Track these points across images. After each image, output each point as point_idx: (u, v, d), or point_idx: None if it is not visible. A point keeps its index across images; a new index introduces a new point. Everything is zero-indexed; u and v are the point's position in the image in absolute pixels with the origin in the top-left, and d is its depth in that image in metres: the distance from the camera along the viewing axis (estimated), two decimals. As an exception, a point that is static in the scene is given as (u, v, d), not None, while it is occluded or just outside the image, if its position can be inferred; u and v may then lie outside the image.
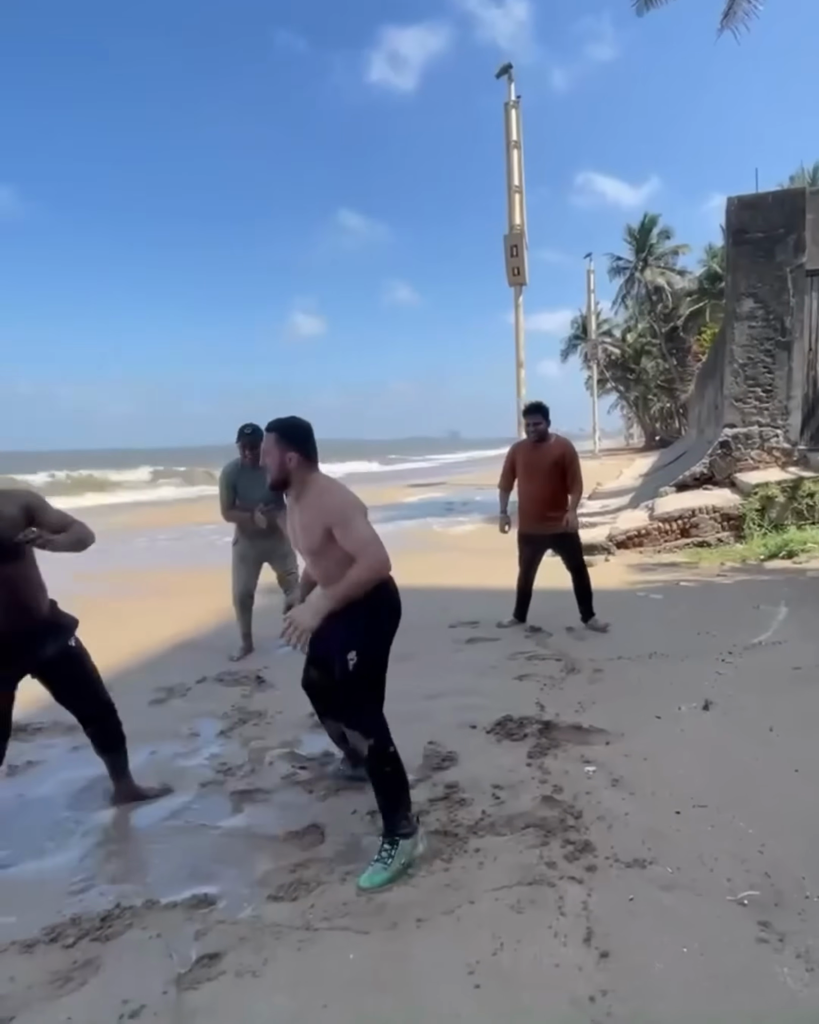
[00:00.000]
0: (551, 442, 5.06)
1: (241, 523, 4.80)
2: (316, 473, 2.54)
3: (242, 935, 2.02)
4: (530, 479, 5.11)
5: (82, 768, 3.10)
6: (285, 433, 2.56)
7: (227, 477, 4.83)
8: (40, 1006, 1.77)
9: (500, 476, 5.36)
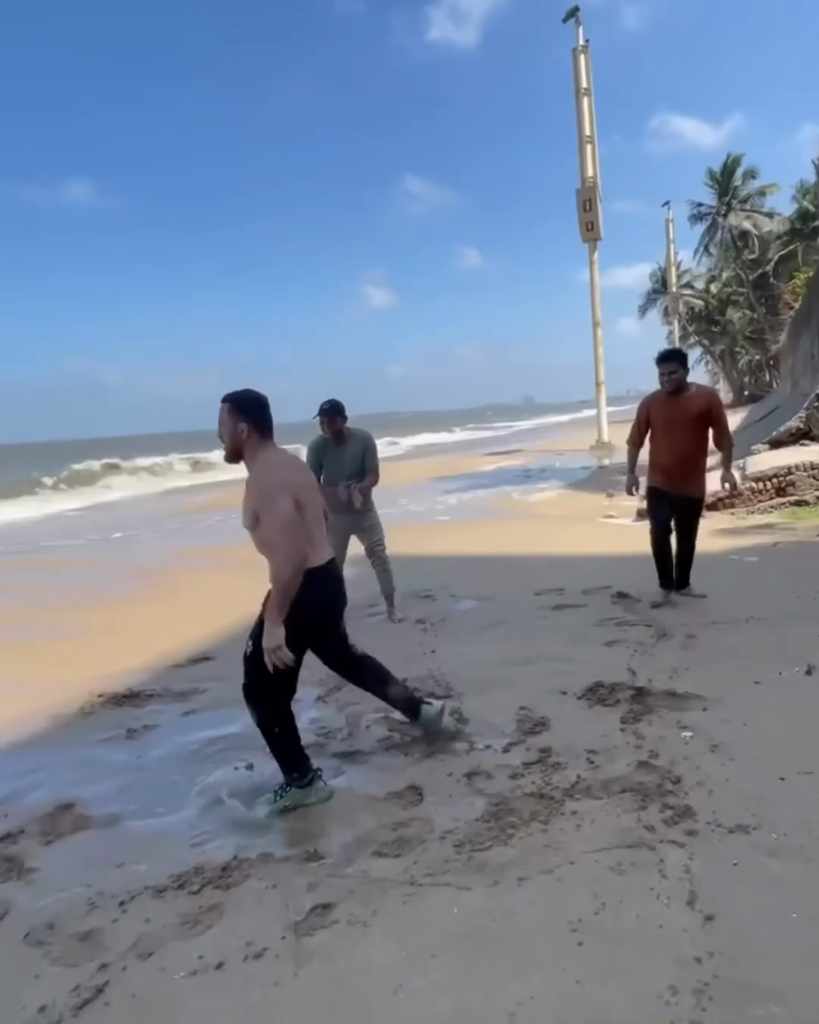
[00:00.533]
0: (691, 392, 4.66)
1: (327, 498, 4.92)
2: (266, 448, 2.55)
3: (351, 888, 2.13)
4: (668, 434, 4.68)
5: (194, 732, 3.31)
6: (238, 404, 2.54)
7: (313, 452, 4.94)
8: (175, 945, 1.93)
9: (630, 431, 4.93)
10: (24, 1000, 1.77)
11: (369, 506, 5.01)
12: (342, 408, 4.79)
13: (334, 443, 4.83)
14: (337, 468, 4.85)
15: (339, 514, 4.94)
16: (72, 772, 2.93)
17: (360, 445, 4.86)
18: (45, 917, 2.07)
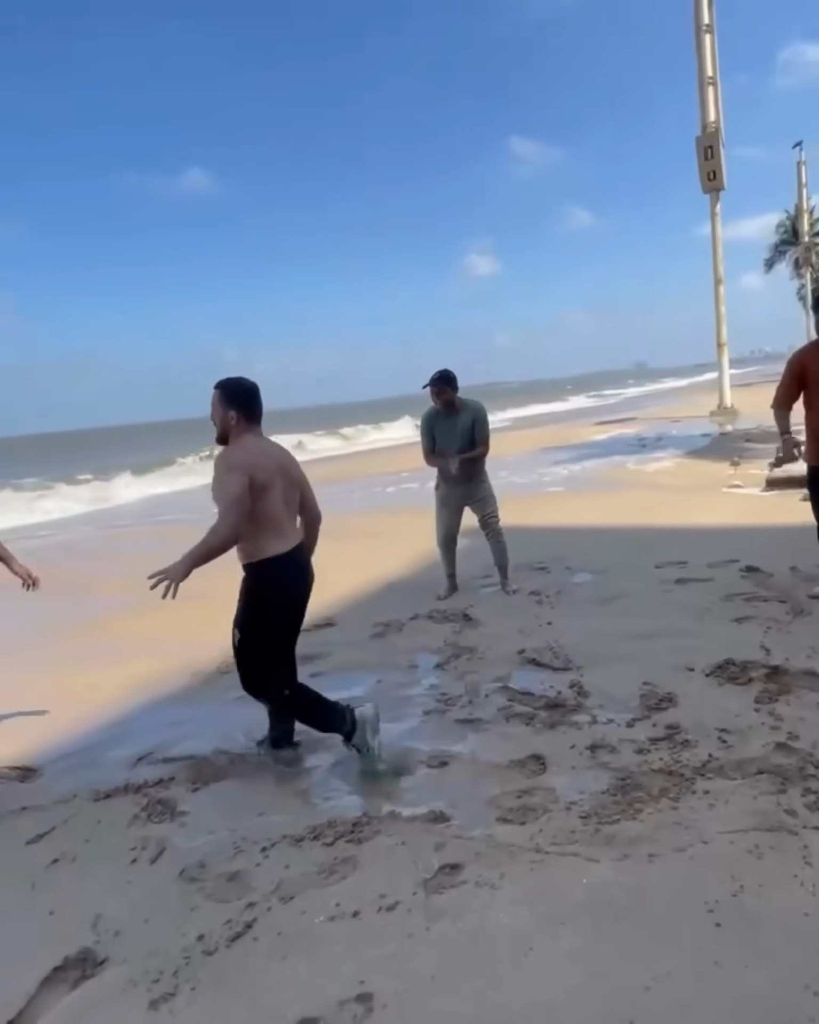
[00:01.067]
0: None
1: (440, 468, 4.93)
2: (248, 435, 2.67)
3: (477, 851, 2.17)
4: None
5: (321, 691, 3.45)
6: (228, 392, 2.67)
7: (426, 423, 4.95)
8: (313, 892, 2.05)
9: (777, 391, 4.12)
10: (184, 929, 1.94)
11: (482, 478, 4.98)
12: (452, 378, 4.75)
13: (445, 414, 4.82)
14: (448, 439, 4.84)
15: (453, 485, 4.95)
16: (212, 725, 3.15)
17: (470, 416, 4.82)
18: (197, 857, 2.26)
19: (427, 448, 4.94)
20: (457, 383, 4.78)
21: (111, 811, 2.58)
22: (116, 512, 13.63)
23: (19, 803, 2.70)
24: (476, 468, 4.92)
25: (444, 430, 4.85)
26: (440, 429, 4.88)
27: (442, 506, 5.05)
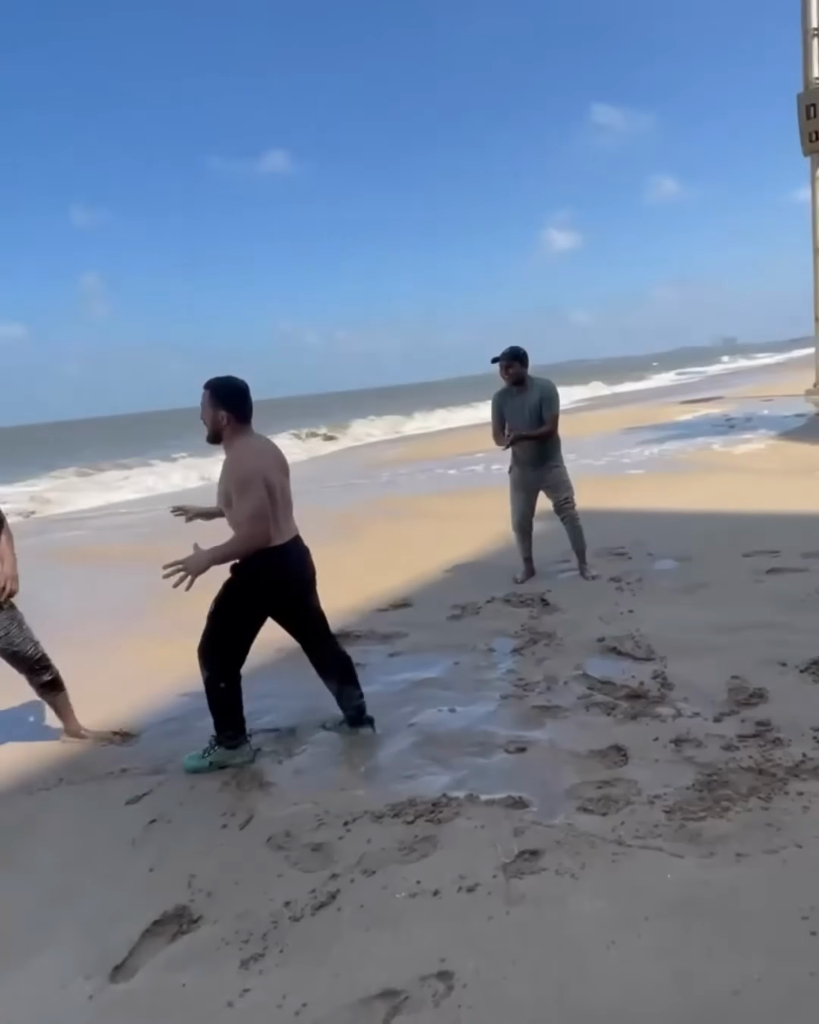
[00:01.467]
0: None
1: (514, 451, 4.83)
2: (243, 435, 2.68)
3: (557, 839, 2.16)
4: None
5: (399, 672, 3.52)
6: (218, 392, 2.66)
7: (495, 402, 4.88)
8: (394, 868, 2.10)
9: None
10: (271, 894, 2.03)
11: (555, 462, 4.84)
12: (522, 354, 4.63)
13: (515, 392, 4.72)
14: (517, 418, 4.73)
15: (527, 467, 4.85)
16: (296, 701, 3.25)
17: (538, 393, 4.68)
18: (283, 826, 2.35)
19: (496, 428, 4.86)
20: (527, 359, 4.66)
21: (203, 778, 2.71)
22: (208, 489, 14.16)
23: (119, 765, 2.87)
24: (548, 450, 4.79)
25: (513, 409, 4.75)
26: (509, 408, 4.78)
27: (515, 489, 4.98)
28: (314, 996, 1.68)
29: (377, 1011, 1.64)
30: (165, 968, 1.82)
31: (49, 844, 2.41)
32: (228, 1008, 1.67)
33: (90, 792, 2.69)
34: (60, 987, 1.78)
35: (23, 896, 2.15)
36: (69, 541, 9.29)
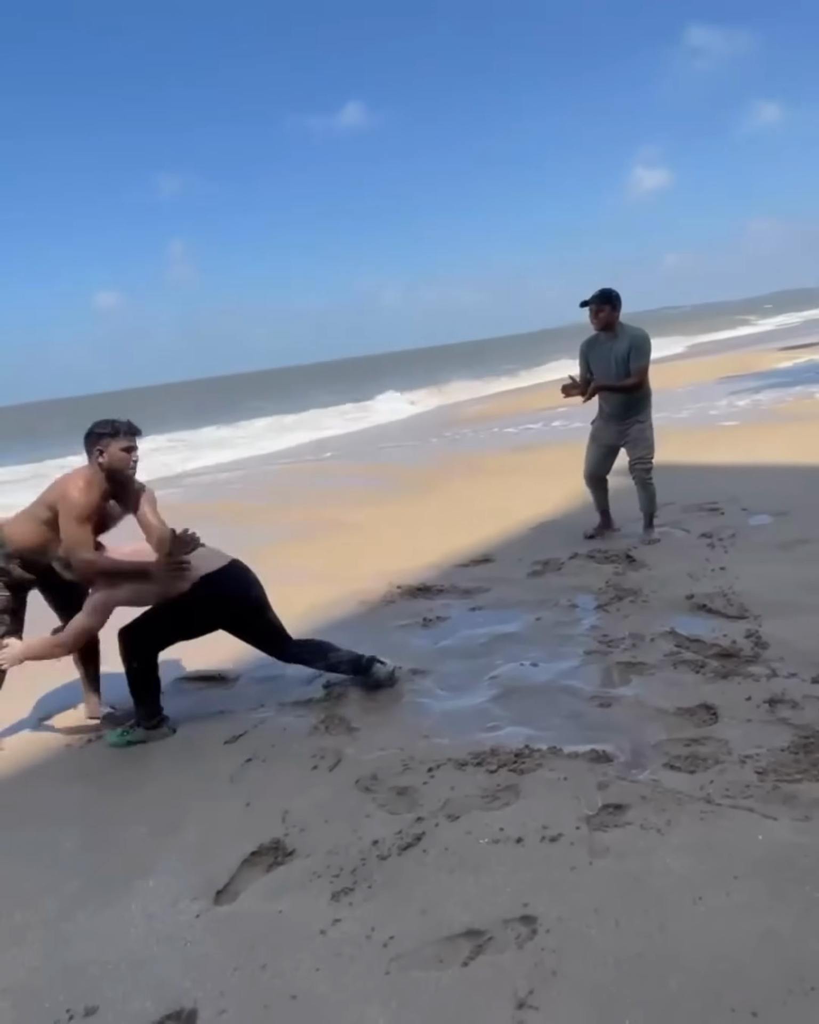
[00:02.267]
0: None
1: (600, 403, 4.64)
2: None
3: (643, 794, 2.15)
4: None
5: (481, 627, 3.54)
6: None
7: (581, 351, 4.66)
8: (477, 814, 2.14)
9: None
10: (360, 833, 2.12)
11: (640, 417, 4.56)
12: (614, 296, 4.36)
13: (603, 339, 4.48)
14: (603, 367, 4.49)
15: (609, 421, 4.63)
16: (381, 650, 3.31)
17: (627, 342, 4.40)
18: (370, 769, 2.43)
19: (582, 379, 4.63)
20: (620, 303, 4.40)
21: (294, 721, 2.83)
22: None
23: (217, 707, 3.04)
24: (634, 404, 4.52)
25: (599, 357, 4.51)
26: (595, 356, 4.54)
27: (591, 442, 4.78)
28: (401, 930, 1.76)
29: (461, 948, 1.70)
30: (263, 895, 1.94)
31: (157, 778, 2.59)
32: (321, 935, 1.77)
33: (193, 732, 2.87)
34: (170, 905, 1.94)
35: (135, 824, 2.33)
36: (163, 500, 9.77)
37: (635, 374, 4.43)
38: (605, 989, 1.53)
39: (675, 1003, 1.48)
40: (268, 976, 1.68)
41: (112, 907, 1.96)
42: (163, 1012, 1.61)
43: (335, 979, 1.64)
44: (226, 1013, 1.59)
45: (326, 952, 1.72)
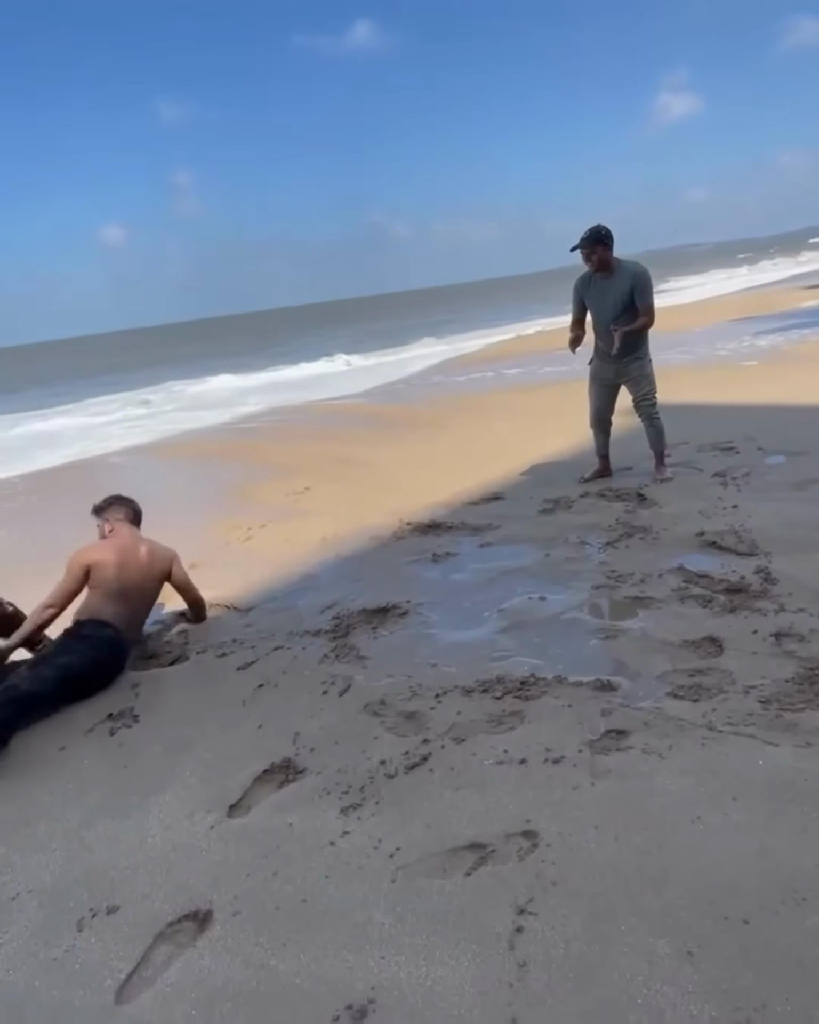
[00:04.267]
0: None
1: (596, 344, 4.49)
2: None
3: (645, 720, 2.19)
4: None
5: (490, 561, 3.55)
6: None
7: (575, 290, 4.47)
8: (482, 737, 2.19)
9: None
10: (368, 753, 2.18)
11: (639, 354, 4.42)
12: (605, 234, 4.14)
13: (599, 277, 4.28)
14: (601, 306, 4.33)
15: (605, 360, 4.50)
16: (390, 584, 3.35)
17: (628, 279, 4.21)
18: (378, 695, 2.49)
19: (574, 319, 4.48)
20: (612, 241, 4.19)
21: (305, 649, 2.89)
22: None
23: (230, 635, 3.10)
24: (633, 341, 4.37)
25: (597, 295, 4.33)
26: (592, 295, 4.36)
27: (593, 382, 4.66)
28: (407, 842, 1.82)
29: (465, 859, 1.76)
30: (274, 809, 2.01)
31: (173, 702, 2.66)
32: (330, 846, 1.84)
33: (207, 660, 2.93)
34: (185, 817, 2.02)
35: (152, 744, 2.41)
36: (185, 438, 9.75)
37: (644, 312, 4.28)
38: (602, 898, 1.59)
39: (669, 912, 1.54)
40: (279, 882, 1.75)
41: (131, 818, 2.05)
42: (180, 912, 1.69)
43: (343, 886, 1.72)
44: (239, 915, 1.67)
45: (335, 861, 1.79)
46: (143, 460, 8.49)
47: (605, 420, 4.72)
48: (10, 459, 9.04)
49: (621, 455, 4.90)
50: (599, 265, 4.23)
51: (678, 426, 4.70)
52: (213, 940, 1.61)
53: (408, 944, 1.54)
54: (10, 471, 8.20)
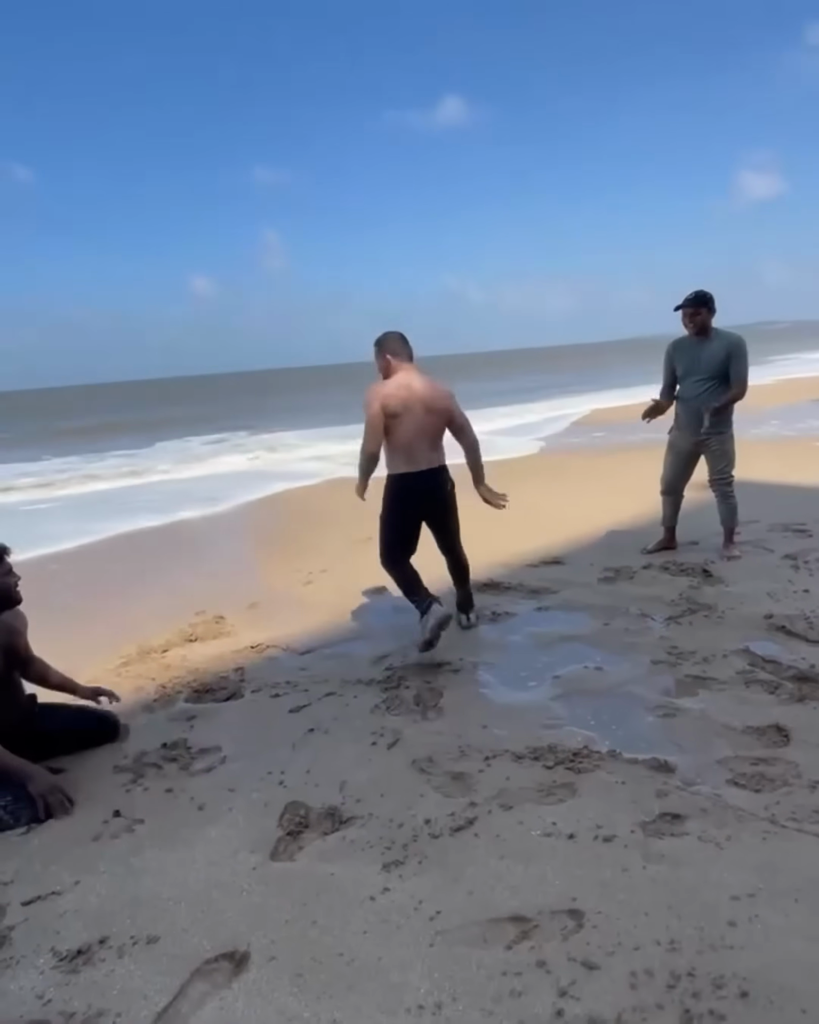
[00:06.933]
0: None
1: (677, 411, 4.49)
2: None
3: (703, 807, 2.11)
4: None
5: (547, 626, 3.53)
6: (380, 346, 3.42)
7: (667, 354, 4.51)
8: (531, 807, 2.15)
9: None
10: (413, 810, 2.16)
11: (722, 428, 4.36)
12: (709, 299, 4.19)
13: (694, 342, 4.31)
14: (691, 370, 4.31)
15: (685, 430, 4.47)
16: (444, 639, 3.34)
17: (724, 347, 4.21)
18: (426, 752, 2.48)
19: (665, 384, 4.51)
20: (715, 306, 4.22)
21: (356, 698, 2.91)
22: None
23: (285, 677, 3.15)
24: (720, 414, 4.31)
25: (688, 359, 4.33)
26: (683, 359, 4.37)
27: (670, 451, 4.62)
28: (448, 906, 1.79)
29: (507, 931, 1.72)
30: (317, 857, 2.01)
31: (226, 738, 2.70)
32: (370, 901, 1.83)
33: (261, 699, 2.98)
34: (230, 855, 2.03)
35: (202, 778, 2.45)
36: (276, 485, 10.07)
37: (737, 384, 4.25)
38: (648, 990, 1.52)
39: (719, 1013, 1.46)
40: (317, 932, 1.74)
41: (176, 850, 2.08)
42: (218, 950, 1.70)
43: (381, 943, 1.69)
44: (276, 960, 1.66)
45: (374, 917, 1.77)
46: (246, 511, 8.80)
47: (677, 491, 4.67)
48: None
49: (688, 528, 4.83)
50: (699, 328, 4.25)
51: (750, 504, 4.61)
52: (248, 984, 1.60)
53: (444, 1015, 1.50)
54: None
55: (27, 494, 10.32)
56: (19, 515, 8.60)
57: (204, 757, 2.57)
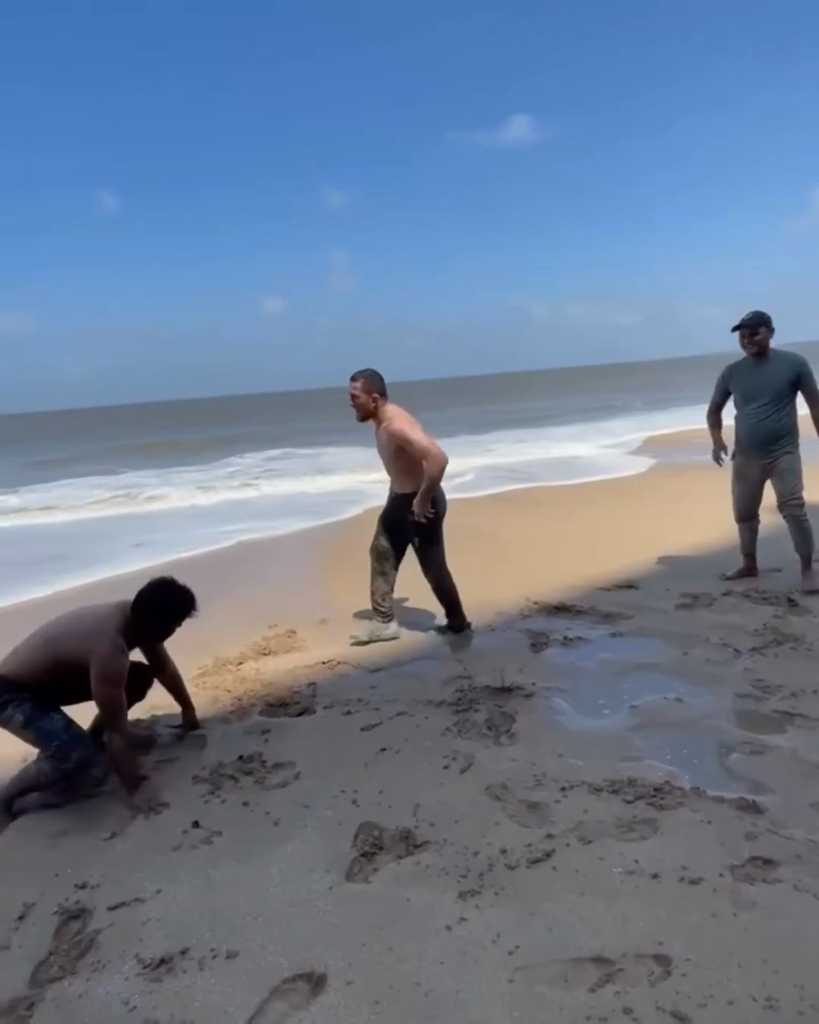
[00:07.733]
0: None
1: (738, 433, 4.33)
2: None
3: (797, 853, 1.99)
4: None
5: (622, 652, 3.43)
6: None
7: (721, 376, 4.40)
8: (611, 843, 2.08)
9: None
10: (488, 838, 2.12)
11: (789, 447, 4.18)
12: (768, 319, 4.07)
13: (752, 364, 4.19)
14: (756, 391, 4.15)
15: (750, 454, 4.28)
16: (515, 663, 3.30)
17: (788, 366, 4.08)
18: (500, 778, 2.43)
19: (713, 403, 4.44)
20: (773, 326, 4.09)
21: (427, 719, 2.89)
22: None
23: (356, 695, 3.16)
24: (781, 430, 4.14)
25: (747, 382, 4.19)
26: (741, 382, 4.22)
27: (736, 479, 4.43)
28: (527, 942, 1.74)
29: (589, 973, 1.66)
30: (392, 880, 1.99)
31: (299, 754, 2.72)
32: (447, 931, 1.80)
33: (333, 716, 3.00)
34: (305, 873, 2.04)
35: (277, 792, 2.47)
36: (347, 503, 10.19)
37: (815, 403, 4.09)
38: (745, 1049, 1.44)
39: (826, 1082, 1.37)
40: (393, 959, 1.72)
41: (253, 864, 2.10)
42: (296, 970, 1.70)
43: (459, 976, 1.66)
44: (353, 985, 1.65)
45: (452, 948, 1.74)
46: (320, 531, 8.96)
47: (752, 516, 4.49)
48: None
49: (769, 555, 4.62)
50: (759, 348, 4.13)
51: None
52: (326, 1007, 1.60)
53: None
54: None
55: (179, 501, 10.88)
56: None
57: (279, 772, 2.60)
